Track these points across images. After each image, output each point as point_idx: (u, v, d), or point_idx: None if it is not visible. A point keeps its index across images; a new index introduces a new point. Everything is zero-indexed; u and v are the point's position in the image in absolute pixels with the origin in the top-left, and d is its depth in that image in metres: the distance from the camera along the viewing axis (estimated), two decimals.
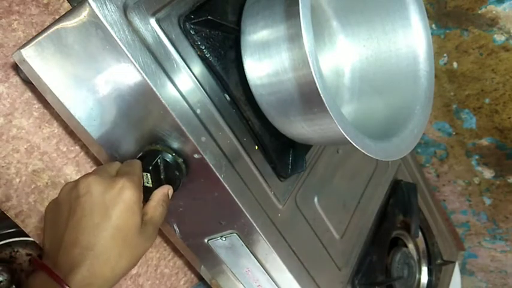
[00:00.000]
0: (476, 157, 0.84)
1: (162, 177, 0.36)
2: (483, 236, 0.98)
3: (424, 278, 0.74)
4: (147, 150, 0.37)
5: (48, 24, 0.35)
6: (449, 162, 0.89)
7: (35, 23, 0.44)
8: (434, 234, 0.79)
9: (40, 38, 0.34)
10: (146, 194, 0.35)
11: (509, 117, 0.75)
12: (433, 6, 0.69)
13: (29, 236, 0.45)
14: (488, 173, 0.86)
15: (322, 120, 0.34)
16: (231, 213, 0.40)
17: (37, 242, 0.46)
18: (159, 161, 0.36)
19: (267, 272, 0.44)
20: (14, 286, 0.49)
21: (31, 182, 0.44)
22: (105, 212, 0.30)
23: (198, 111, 0.37)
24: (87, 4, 0.31)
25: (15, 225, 0.44)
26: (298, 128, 0.37)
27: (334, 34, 0.52)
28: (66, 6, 0.46)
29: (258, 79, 0.36)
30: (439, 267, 0.78)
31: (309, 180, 0.49)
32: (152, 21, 0.35)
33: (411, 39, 0.47)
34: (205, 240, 0.44)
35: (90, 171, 0.48)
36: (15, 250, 0.48)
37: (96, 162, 0.49)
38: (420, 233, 0.74)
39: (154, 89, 0.33)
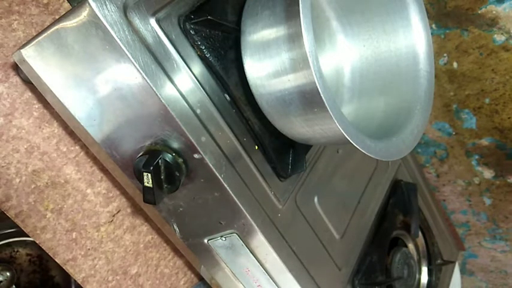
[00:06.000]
0: (476, 157, 0.84)
1: (162, 177, 0.36)
2: (483, 236, 0.98)
3: (424, 278, 0.74)
4: (147, 151, 0.37)
5: (48, 24, 0.35)
6: (449, 162, 0.89)
7: (35, 23, 0.44)
8: (434, 234, 0.79)
9: (40, 38, 0.34)
10: (146, 194, 0.35)
11: (509, 117, 0.75)
12: (433, 6, 0.69)
13: (29, 236, 0.45)
14: (488, 173, 0.86)
15: (322, 120, 0.34)
16: (231, 213, 0.40)
17: (37, 242, 0.46)
18: (160, 161, 0.35)
19: (267, 272, 0.44)
20: (14, 286, 0.49)
21: (31, 182, 0.44)
22: None
23: (198, 111, 0.37)
24: (87, 4, 0.31)
25: (15, 225, 0.44)
26: (298, 128, 0.37)
27: (334, 34, 0.52)
28: (66, 6, 0.46)
29: (258, 79, 0.36)
30: (439, 267, 0.78)
31: (309, 180, 0.49)
32: (152, 21, 0.35)
33: (411, 39, 0.47)
34: (205, 240, 0.44)
35: (90, 171, 0.49)
36: (15, 250, 0.48)
37: (96, 162, 0.49)
38: (420, 233, 0.74)
39: (154, 89, 0.33)
